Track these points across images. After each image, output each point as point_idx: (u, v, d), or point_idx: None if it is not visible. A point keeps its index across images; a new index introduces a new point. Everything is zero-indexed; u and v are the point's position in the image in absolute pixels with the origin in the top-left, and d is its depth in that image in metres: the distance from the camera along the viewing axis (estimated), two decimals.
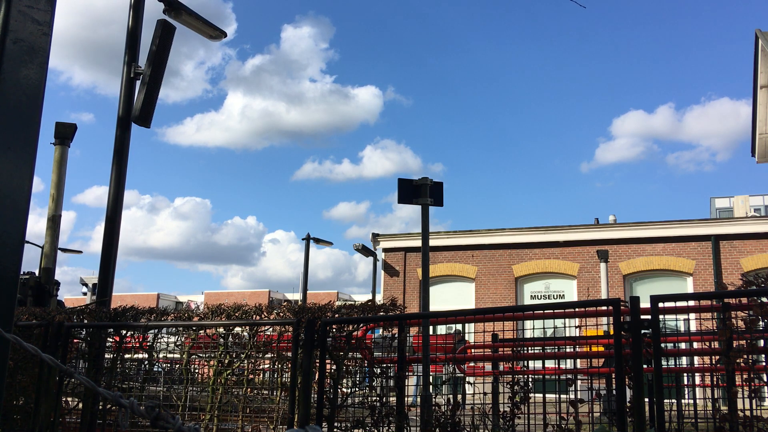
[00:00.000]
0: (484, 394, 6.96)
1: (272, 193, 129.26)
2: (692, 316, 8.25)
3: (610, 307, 4.85)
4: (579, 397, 5.14)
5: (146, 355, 7.79)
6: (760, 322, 4.81)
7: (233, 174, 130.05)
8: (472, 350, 11.62)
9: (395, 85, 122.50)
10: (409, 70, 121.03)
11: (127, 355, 7.59)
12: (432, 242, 14.55)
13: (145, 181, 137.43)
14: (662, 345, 5.08)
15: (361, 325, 6.88)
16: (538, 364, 7.43)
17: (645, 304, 4.71)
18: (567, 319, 6.40)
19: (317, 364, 6.08)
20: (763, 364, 6.48)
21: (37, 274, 12.69)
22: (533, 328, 6.93)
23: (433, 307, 16.19)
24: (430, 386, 6.89)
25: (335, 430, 6.05)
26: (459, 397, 7.74)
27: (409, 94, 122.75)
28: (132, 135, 9.23)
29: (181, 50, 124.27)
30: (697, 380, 9.20)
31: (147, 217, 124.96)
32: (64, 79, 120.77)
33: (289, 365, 6.59)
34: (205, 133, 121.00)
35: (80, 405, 7.40)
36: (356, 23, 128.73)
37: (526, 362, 7.08)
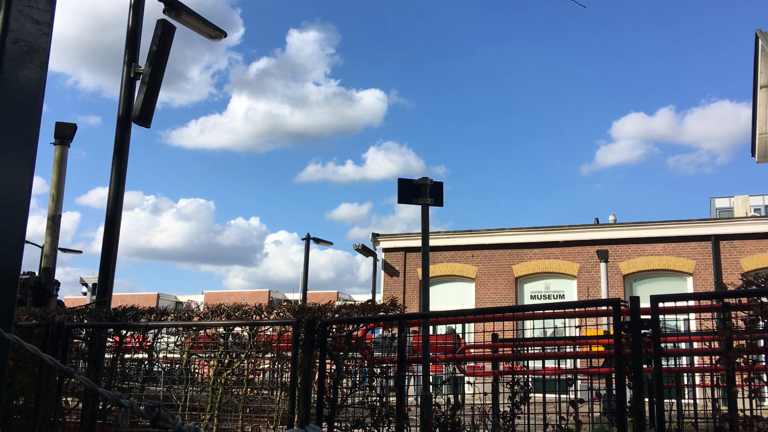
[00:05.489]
0: (484, 394, 6.96)
1: (275, 194, 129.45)
2: (692, 316, 8.25)
3: (610, 307, 4.85)
4: (579, 397, 5.14)
5: (146, 355, 7.79)
6: (760, 322, 4.81)
7: (237, 176, 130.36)
8: (471, 350, 11.61)
9: (399, 88, 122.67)
10: (412, 74, 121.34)
11: (127, 355, 7.59)
12: (432, 242, 14.55)
13: (149, 182, 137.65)
14: (662, 345, 5.08)
15: (361, 325, 6.88)
16: (538, 364, 7.42)
17: (645, 304, 4.71)
18: (567, 319, 6.41)
19: (317, 364, 6.08)
20: (763, 364, 6.48)
21: (37, 274, 12.68)
22: (533, 328, 6.92)
23: (433, 307, 16.19)
24: (430, 386, 6.89)
25: (335, 430, 6.05)
26: (459, 397, 7.74)
27: (412, 97, 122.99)
28: (136, 137, 9.29)
29: (186, 53, 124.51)
30: (697, 380, 9.19)
31: (150, 218, 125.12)
32: (71, 83, 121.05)
33: (289, 365, 6.59)
34: (209, 136, 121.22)
35: (80, 405, 7.40)
36: (361, 28, 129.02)
37: (526, 362, 7.08)
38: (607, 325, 11.93)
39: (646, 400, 4.83)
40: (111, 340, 7.48)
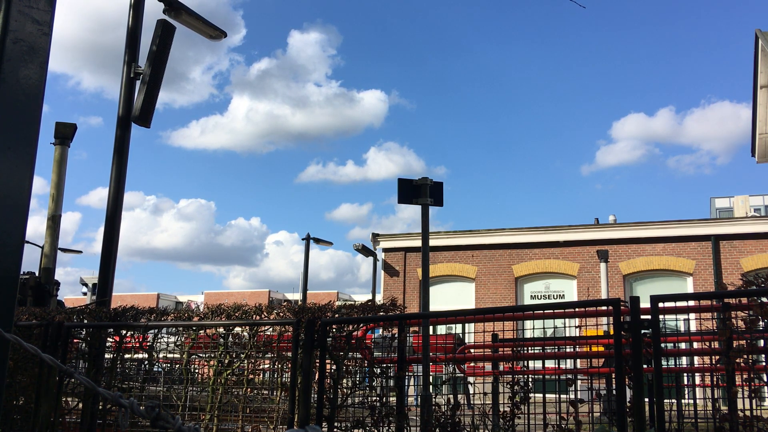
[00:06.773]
0: (484, 394, 6.95)
1: (276, 194, 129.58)
2: (692, 316, 8.25)
3: (610, 307, 4.85)
4: (579, 397, 5.14)
5: (146, 355, 7.79)
6: (760, 322, 4.81)
7: (238, 176, 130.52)
8: (471, 351, 11.60)
9: (399, 89, 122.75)
10: (412, 74, 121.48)
11: (127, 355, 7.58)
12: (432, 242, 14.54)
13: (149, 183, 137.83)
14: (662, 345, 5.08)
15: (361, 325, 6.88)
16: (538, 364, 7.42)
17: (645, 304, 4.71)
18: (567, 319, 6.40)
19: (317, 364, 6.08)
20: (763, 364, 6.48)
21: (37, 274, 12.68)
22: (533, 328, 6.92)
23: (433, 307, 16.18)
24: (430, 386, 6.89)
25: (335, 430, 6.05)
26: (460, 397, 7.73)
27: (413, 97, 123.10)
28: (137, 137, 9.34)
29: (188, 54, 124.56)
30: (697, 380, 9.19)
31: (151, 218, 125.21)
32: (72, 84, 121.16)
33: (289, 365, 6.59)
34: (210, 136, 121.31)
35: (80, 405, 7.40)
36: (361, 29, 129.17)
37: (526, 362, 7.08)
38: (607, 325, 11.93)
39: (646, 400, 4.83)
40: (111, 340, 7.48)
